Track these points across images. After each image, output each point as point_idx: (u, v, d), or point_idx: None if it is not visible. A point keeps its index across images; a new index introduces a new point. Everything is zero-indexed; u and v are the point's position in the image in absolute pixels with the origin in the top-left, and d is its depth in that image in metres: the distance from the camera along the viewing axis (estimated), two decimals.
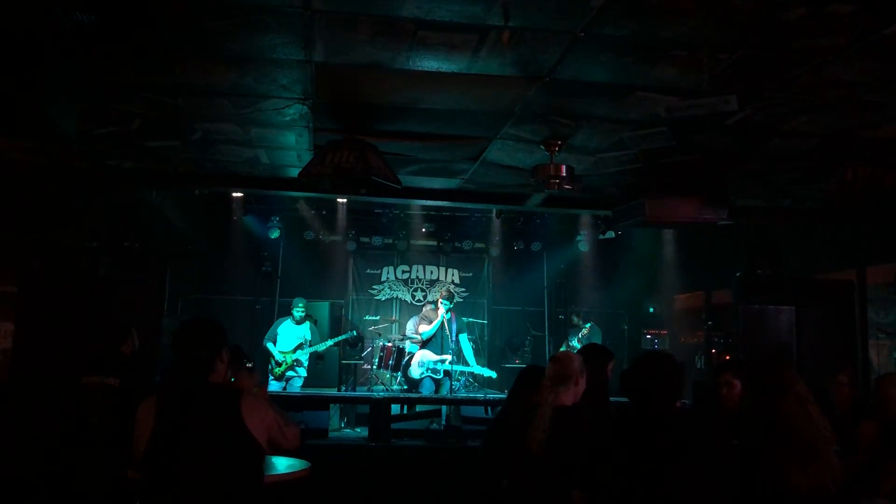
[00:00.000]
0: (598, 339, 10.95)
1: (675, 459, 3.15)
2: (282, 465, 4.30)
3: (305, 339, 9.69)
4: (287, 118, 5.86)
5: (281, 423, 3.09)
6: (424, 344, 9.45)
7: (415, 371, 9.39)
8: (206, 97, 5.46)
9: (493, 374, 9.79)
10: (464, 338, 9.56)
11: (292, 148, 6.74)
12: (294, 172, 7.44)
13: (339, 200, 11.35)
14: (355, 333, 10.93)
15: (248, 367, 5.71)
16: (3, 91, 5.19)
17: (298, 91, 5.28)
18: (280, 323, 9.82)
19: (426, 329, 9.40)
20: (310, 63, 4.77)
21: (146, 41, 4.50)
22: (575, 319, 11.54)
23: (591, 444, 3.63)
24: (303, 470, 4.19)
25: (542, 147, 6.28)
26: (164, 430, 2.89)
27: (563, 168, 6.22)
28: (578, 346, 10.83)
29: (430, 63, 4.72)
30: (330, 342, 10.19)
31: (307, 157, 6.80)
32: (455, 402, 8.63)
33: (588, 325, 11.19)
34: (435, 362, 9.25)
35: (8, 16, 4.22)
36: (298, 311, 9.72)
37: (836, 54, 4.36)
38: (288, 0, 3.95)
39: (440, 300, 9.41)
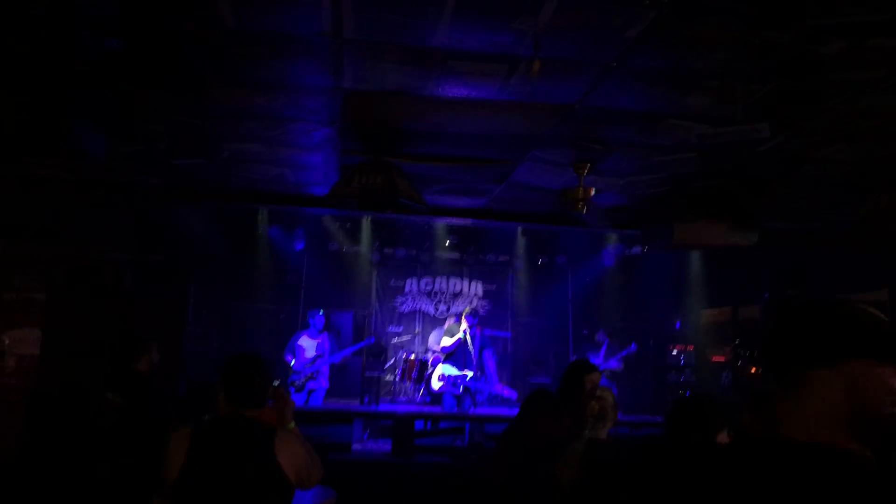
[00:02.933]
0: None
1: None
2: (307, 494, 4.26)
3: (323, 351, 9.66)
4: (314, 140, 5.85)
5: (308, 463, 3.09)
6: (447, 357, 9.41)
7: (435, 384, 9.35)
8: (234, 120, 5.46)
9: (514, 395, 9.68)
10: (488, 354, 9.49)
11: (318, 168, 6.73)
12: (319, 190, 7.44)
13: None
14: (373, 340, 10.86)
15: (275, 386, 5.71)
16: (34, 113, 5.25)
17: (326, 115, 5.27)
18: (299, 336, 9.80)
19: (447, 343, 9.35)
20: (338, 89, 4.75)
21: (175, 68, 4.50)
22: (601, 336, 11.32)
23: (624, 480, 3.57)
24: (328, 501, 4.15)
25: (571, 169, 6.22)
26: (197, 461, 2.89)
27: (592, 191, 6.16)
28: (618, 365, 10.75)
29: (458, 90, 4.68)
30: (347, 351, 10.16)
31: (333, 176, 6.80)
32: (479, 420, 8.57)
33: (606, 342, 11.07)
34: (455, 377, 9.21)
35: (38, 40, 4.23)
36: (318, 322, 9.67)
37: (874, 86, 4.27)
38: (318, 29, 3.93)
39: (464, 315, 9.35)
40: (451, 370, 9.27)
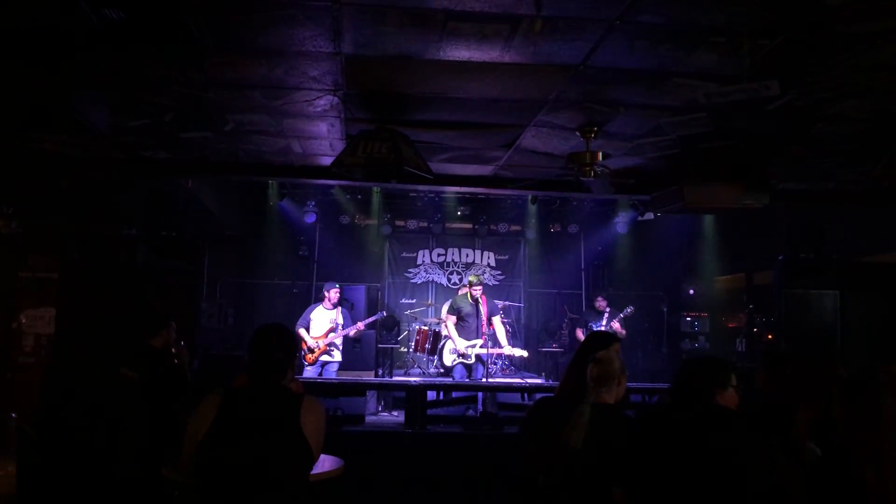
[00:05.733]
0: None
1: (725, 459, 3.12)
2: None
3: (337, 324, 9.66)
4: (318, 109, 5.81)
5: (323, 434, 3.11)
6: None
7: (447, 358, 9.37)
8: (236, 90, 5.43)
9: (524, 353, 9.70)
10: (496, 320, 9.45)
11: (324, 137, 6.70)
12: (327, 161, 7.42)
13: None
14: (385, 314, 10.85)
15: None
16: (35, 86, 5.24)
17: (329, 82, 5.23)
18: (313, 308, 9.78)
19: (456, 326, 9.30)
20: (339, 55, 4.71)
21: (174, 37, 4.46)
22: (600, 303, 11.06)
23: (632, 442, 3.57)
24: (335, 469, 4.18)
25: (578, 134, 6.15)
26: (223, 424, 2.92)
27: (600, 155, 6.10)
28: (620, 328, 10.62)
29: (461, 53, 4.62)
30: (360, 324, 10.15)
31: (339, 146, 6.78)
32: (491, 389, 8.57)
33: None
34: (466, 348, 9.20)
35: (37, 11, 4.21)
36: (334, 295, 9.63)
37: (886, 38, 4.17)
38: None
39: (474, 284, 9.27)
40: (461, 341, 9.27)
